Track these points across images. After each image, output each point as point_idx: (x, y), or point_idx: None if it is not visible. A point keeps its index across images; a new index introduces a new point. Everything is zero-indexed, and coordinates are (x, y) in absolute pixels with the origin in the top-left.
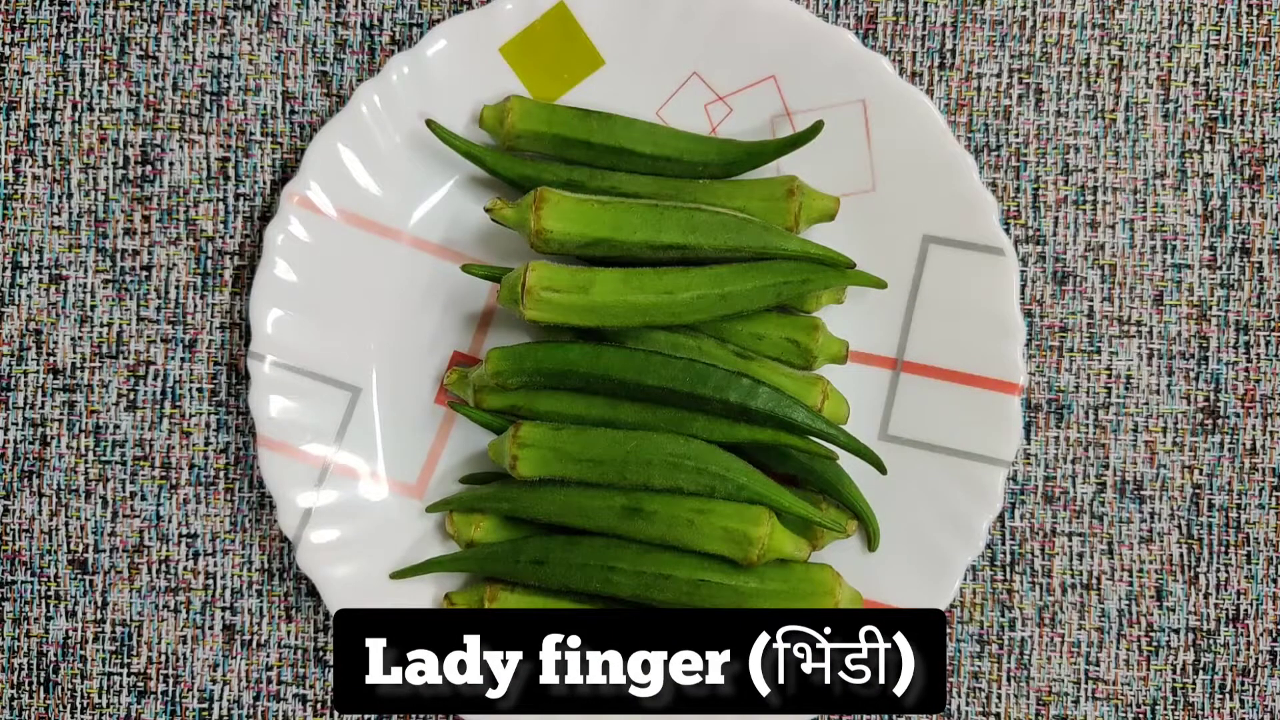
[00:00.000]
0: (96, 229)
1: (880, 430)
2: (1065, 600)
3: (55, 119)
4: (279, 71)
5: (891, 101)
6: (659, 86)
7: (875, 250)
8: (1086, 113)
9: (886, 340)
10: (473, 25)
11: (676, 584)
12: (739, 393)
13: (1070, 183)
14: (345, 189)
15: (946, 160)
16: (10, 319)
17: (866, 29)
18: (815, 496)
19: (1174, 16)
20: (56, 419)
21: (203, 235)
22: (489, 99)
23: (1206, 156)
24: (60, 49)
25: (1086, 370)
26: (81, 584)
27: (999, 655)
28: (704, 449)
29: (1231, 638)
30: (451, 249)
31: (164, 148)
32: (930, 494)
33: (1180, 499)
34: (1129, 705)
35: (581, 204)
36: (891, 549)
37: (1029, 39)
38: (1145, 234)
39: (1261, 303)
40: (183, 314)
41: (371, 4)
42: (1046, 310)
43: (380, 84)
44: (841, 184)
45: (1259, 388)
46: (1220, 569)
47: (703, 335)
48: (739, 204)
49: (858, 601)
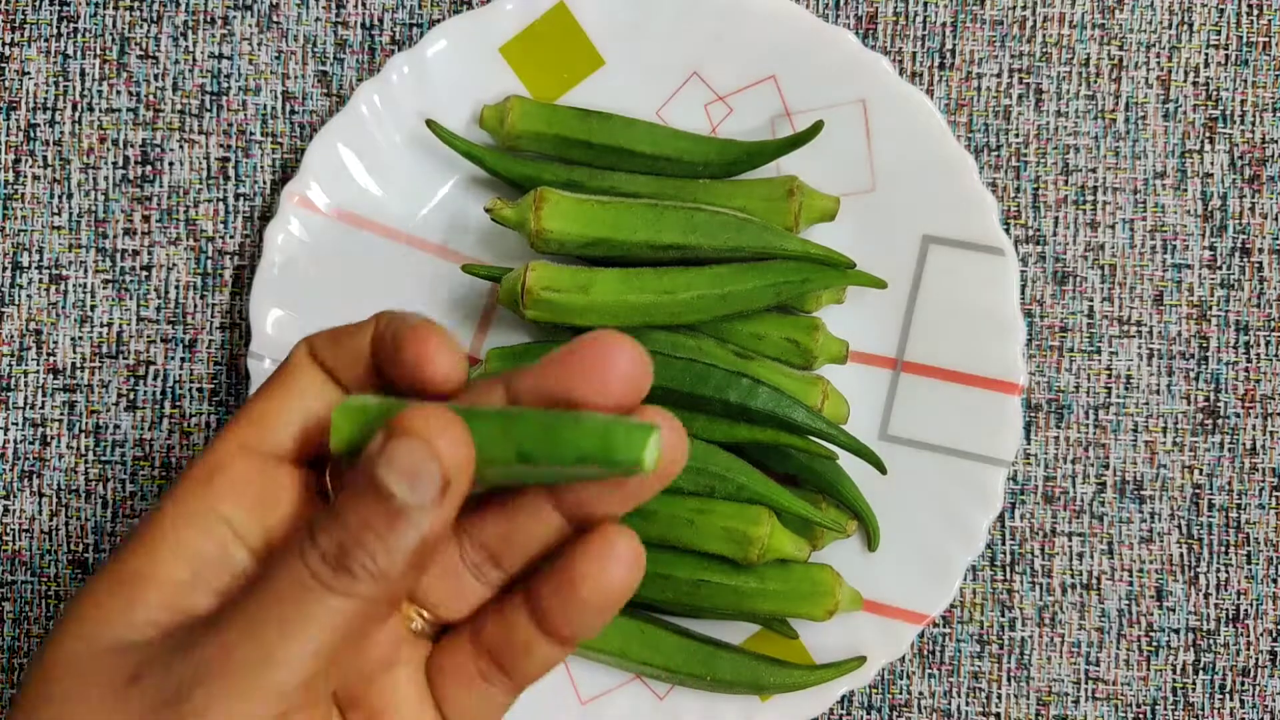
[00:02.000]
0: (96, 229)
1: (880, 430)
2: (1065, 600)
3: (55, 119)
4: (279, 71)
5: (891, 101)
6: (659, 86)
7: (875, 250)
8: (1086, 113)
9: (886, 340)
10: (473, 25)
11: (676, 584)
12: (739, 393)
13: (1070, 183)
14: (345, 189)
15: (946, 160)
16: (10, 319)
17: (866, 29)
18: (815, 496)
19: (1174, 16)
20: (56, 419)
21: (203, 235)
22: (489, 99)
23: (1206, 156)
24: (60, 49)
25: (1086, 370)
26: (82, 584)
27: (999, 655)
28: (704, 449)
29: (1231, 638)
30: (451, 249)
31: (164, 148)
32: (930, 494)
33: (1180, 499)
34: (1129, 705)
35: (581, 204)
36: (891, 549)
37: (1029, 39)
38: (1145, 234)
39: (1261, 303)
40: (183, 314)
41: (371, 4)
42: (1046, 310)
43: (380, 84)
44: (841, 184)
45: (1259, 388)
46: (1220, 569)
47: (703, 335)
48: (739, 204)
49: (858, 601)
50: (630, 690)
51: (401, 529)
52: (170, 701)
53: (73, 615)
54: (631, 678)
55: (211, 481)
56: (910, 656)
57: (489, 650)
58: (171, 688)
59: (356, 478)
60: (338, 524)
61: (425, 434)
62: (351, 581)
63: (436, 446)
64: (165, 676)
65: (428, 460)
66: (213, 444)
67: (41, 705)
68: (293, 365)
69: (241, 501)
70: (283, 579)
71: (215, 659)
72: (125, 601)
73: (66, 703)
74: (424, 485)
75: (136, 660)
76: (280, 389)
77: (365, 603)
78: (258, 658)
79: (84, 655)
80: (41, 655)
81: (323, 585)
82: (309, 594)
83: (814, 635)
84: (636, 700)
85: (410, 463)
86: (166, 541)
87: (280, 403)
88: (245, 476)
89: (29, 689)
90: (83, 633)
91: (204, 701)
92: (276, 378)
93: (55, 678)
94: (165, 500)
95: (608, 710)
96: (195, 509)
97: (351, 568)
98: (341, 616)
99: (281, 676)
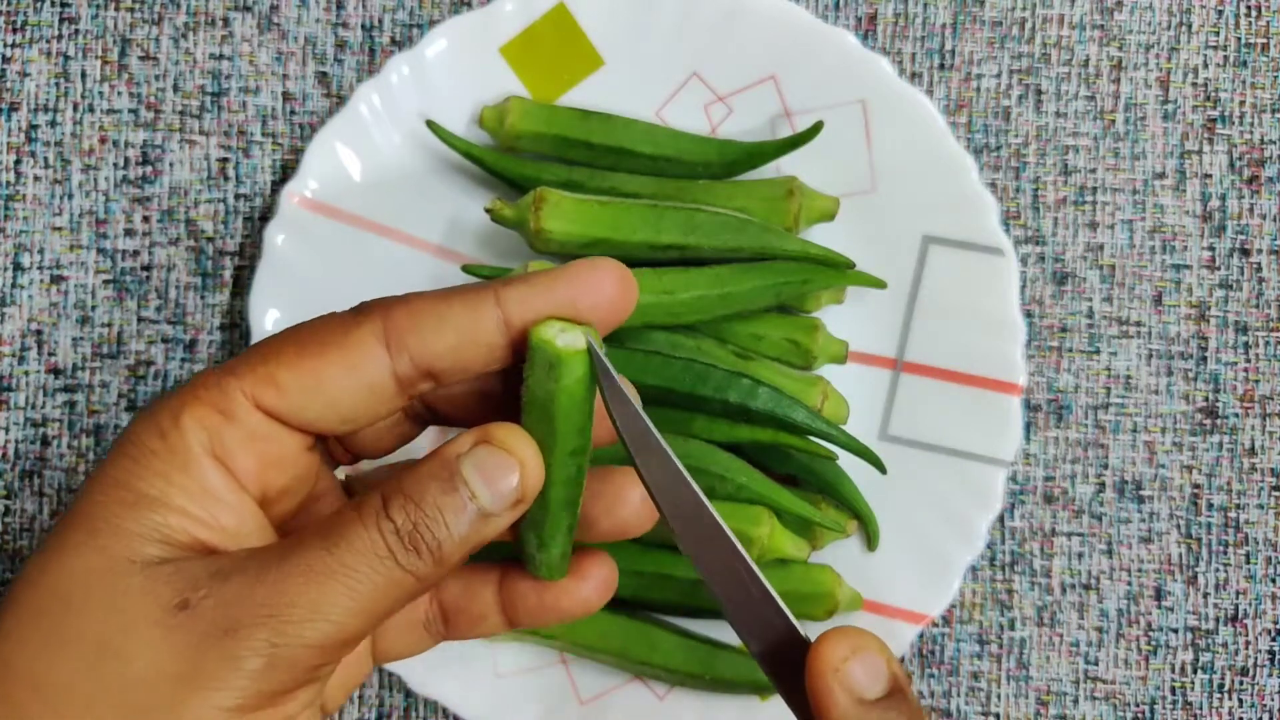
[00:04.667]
0: (97, 229)
1: (880, 430)
2: (1065, 600)
3: (56, 120)
4: (279, 72)
5: (891, 101)
6: (659, 87)
7: (875, 250)
8: (1086, 113)
9: (886, 340)
10: (473, 25)
11: (677, 584)
12: (739, 393)
13: (1070, 183)
14: (345, 189)
15: (946, 160)
16: (11, 319)
17: (866, 29)
18: (815, 496)
19: (1173, 18)
20: (57, 419)
21: (203, 235)
22: (489, 99)
23: (1205, 157)
24: (61, 50)
25: (1086, 370)
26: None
27: (999, 655)
28: (704, 449)
29: (1230, 637)
30: (451, 249)
31: (164, 148)
32: (930, 494)
33: (1179, 499)
34: (1128, 705)
35: (581, 204)
36: (891, 549)
37: (1029, 39)
38: (1145, 234)
39: (1261, 303)
40: (183, 314)
41: (371, 4)
42: (1046, 310)
43: (380, 84)
44: (841, 184)
45: (1258, 388)
46: (1219, 569)
47: (702, 335)
48: (739, 204)
49: (858, 602)
50: (630, 690)
51: (471, 524)
52: (225, 635)
53: (80, 525)
54: (631, 678)
55: (222, 427)
56: (910, 656)
57: (443, 606)
58: (227, 621)
59: (434, 467)
60: (412, 504)
61: (514, 450)
62: (416, 559)
63: (525, 467)
64: (218, 609)
65: (511, 472)
66: (222, 379)
67: (62, 615)
68: (355, 345)
69: (248, 457)
70: (357, 542)
71: (278, 603)
72: (142, 522)
73: (97, 617)
74: (502, 493)
75: (178, 584)
76: (323, 366)
77: (419, 581)
78: (319, 611)
79: (104, 570)
80: (44, 565)
81: (393, 557)
82: (380, 562)
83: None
84: (636, 700)
85: (495, 471)
86: (179, 473)
87: (318, 380)
88: (256, 434)
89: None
90: (98, 545)
91: (262, 644)
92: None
93: (75, 589)
94: (166, 423)
95: (608, 710)
96: (205, 446)
97: (418, 547)
98: (399, 589)
99: (332, 631)
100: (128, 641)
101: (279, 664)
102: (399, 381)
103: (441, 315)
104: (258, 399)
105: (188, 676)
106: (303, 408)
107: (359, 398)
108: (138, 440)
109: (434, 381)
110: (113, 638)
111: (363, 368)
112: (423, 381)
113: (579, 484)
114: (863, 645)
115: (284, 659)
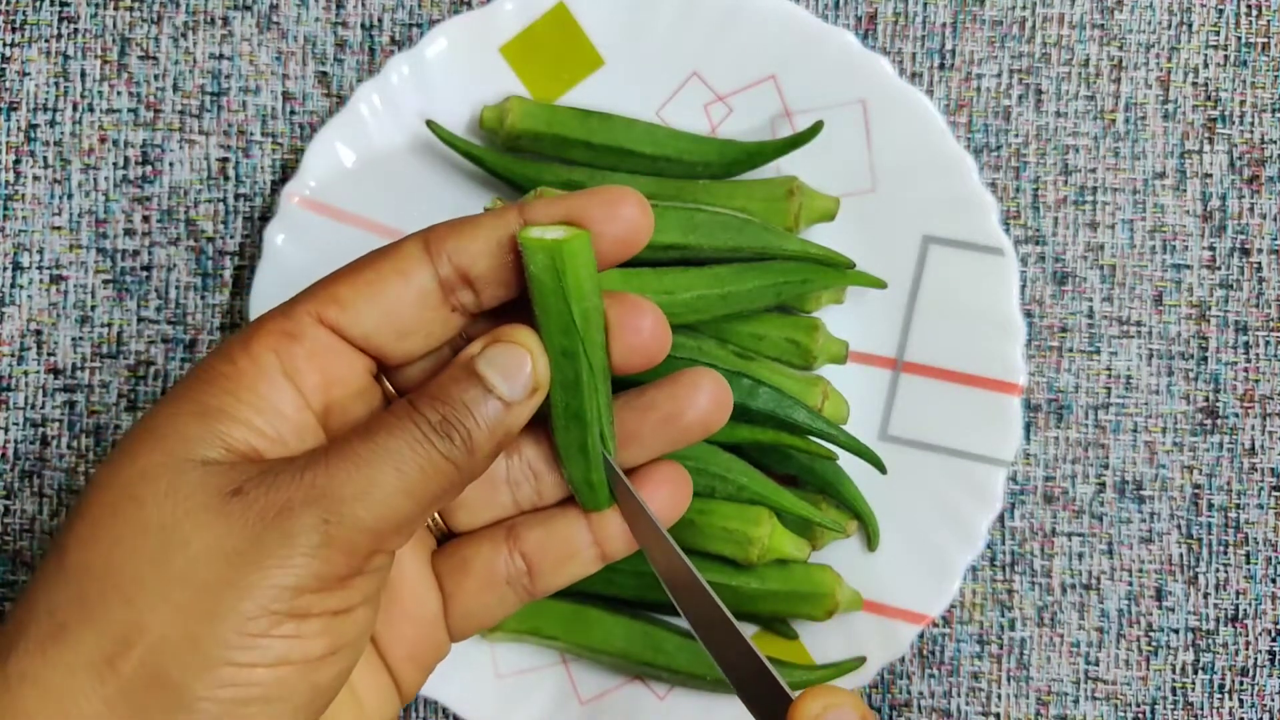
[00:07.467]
0: (97, 229)
1: (880, 430)
2: (1065, 600)
3: (56, 119)
4: (279, 72)
5: (891, 101)
6: (659, 86)
7: (875, 250)
8: (1086, 113)
9: (886, 340)
10: (473, 25)
11: None
12: (739, 393)
13: (1070, 183)
14: (345, 189)
15: (946, 160)
16: (11, 319)
17: (866, 29)
18: (815, 496)
19: (1173, 17)
20: (57, 419)
21: (203, 235)
22: (489, 99)
23: (1206, 157)
24: (61, 50)
25: (1086, 370)
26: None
27: (999, 655)
28: (704, 449)
29: (1231, 637)
30: None
31: (164, 148)
32: (930, 494)
33: (1180, 499)
34: (1128, 705)
35: None
36: (891, 549)
37: (1029, 39)
38: (1145, 234)
39: (1261, 303)
40: (183, 314)
41: (371, 4)
42: (1046, 310)
43: (380, 84)
44: (841, 184)
45: (1258, 388)
46: (1219, 569)
47: (703, 335)
48: (739, 204)
49: (857, 602)
50: (630, 690)
51: (497, 414)
52: (278, 517)
53: (147, 433)
54: (631, 678)
55: (290, 347)
56: (910, 657)
57: (526, 558)
58: (278, 504)
59: (454, 371)
60: (440, 400)
61: (525, 345)
62: (451, 446)
63: (534, 357)
64: (270, 494)
65: (524, 364)
66: (288, 309)
67: (127, 510)
68: (403, 255)
69: (313, 372)
70: (397, 429)
71: (329, 484)
72: (208, 430)
73: (159, 506)
74: (518, 383)
75: (234, 477)
76: (378, 278)
77: (458, 470)
78: (370, 491)
79: (168, 467)
80: (111, 468)
81: (431, 442)
82: (420, 445)
83: (814, 635)
84: (636, 700)
85: (508, 364)
86: (247, 391)
87: (375, 290)
88: (321, 349)
89: (100, 498)
90: (162, 447)
91: (316, 520)
92: (381, 264)
93: (138, 485)
94: (237, 351)
95: (608, 710)
96: (274, 366)
97: (451, 435)
98: (441, 475)
99: (384, 512)
100: (187, 525)
101: (334, 543)
102: (442, 286)
103: (475, 223)
104: (321, 315)
105: (246, 554)
106: (363, 317)
107: (411, 306)
108: (209, 366)
109: (472, 291)
110: (174, 524)
111: (411, 274)
112: (462, 288)
113: (578, 392)
114: (836, 702)
115: (338, 539)
